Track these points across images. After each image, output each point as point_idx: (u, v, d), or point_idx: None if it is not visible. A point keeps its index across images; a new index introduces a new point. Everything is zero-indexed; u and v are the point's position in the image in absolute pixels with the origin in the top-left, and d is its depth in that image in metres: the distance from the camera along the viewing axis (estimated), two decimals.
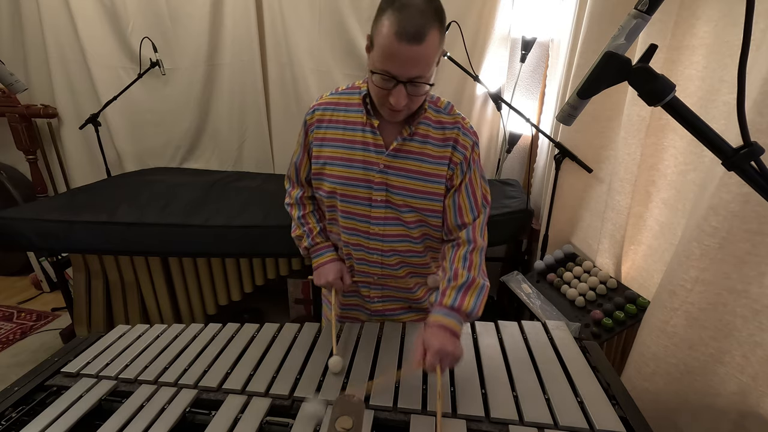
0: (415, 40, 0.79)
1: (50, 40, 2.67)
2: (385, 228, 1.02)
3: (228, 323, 1.18)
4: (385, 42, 0.80)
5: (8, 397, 0.93)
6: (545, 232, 2.10)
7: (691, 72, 1.36)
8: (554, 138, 1.99)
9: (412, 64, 0.82)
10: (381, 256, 1.06)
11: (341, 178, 1.01)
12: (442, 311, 0.91)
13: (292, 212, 1.17)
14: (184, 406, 0.87)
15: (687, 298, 1.14)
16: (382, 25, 0.81)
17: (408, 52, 0.80)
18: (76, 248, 1.99)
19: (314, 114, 1.04)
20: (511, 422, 0.80)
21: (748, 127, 0.55)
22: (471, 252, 0.98)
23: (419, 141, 0.99)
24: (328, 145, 1.02)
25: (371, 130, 0.99)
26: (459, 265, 0.96)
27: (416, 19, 0.78)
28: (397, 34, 0.78)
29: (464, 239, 1.00)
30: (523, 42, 2.26)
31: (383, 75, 0.84)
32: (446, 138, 0.99)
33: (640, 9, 0.61)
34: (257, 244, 1.93)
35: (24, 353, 2.29)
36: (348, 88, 1.05)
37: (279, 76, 2.61)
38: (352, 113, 1.01)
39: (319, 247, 1.13)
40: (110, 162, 2.64)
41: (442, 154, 0.99)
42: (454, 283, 0.94)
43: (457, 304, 0.91)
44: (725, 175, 1.01)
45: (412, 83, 0.85)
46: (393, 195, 0.99)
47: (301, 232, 1.14)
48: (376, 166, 0.99)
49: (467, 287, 0.93)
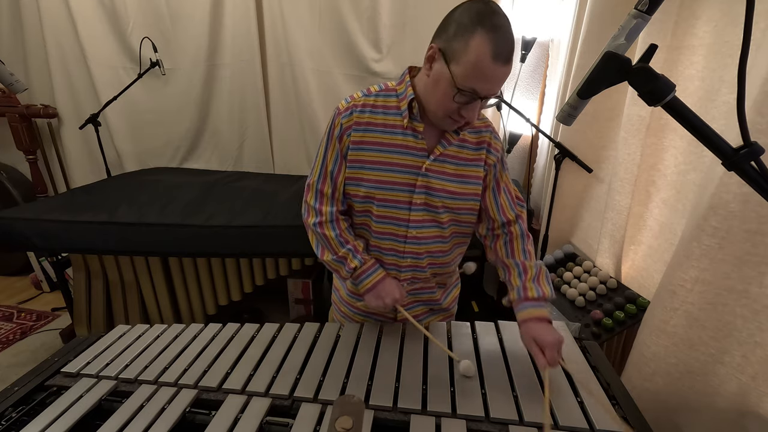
0: (508, 61, 0.82)
1: (50, 40, 2.67)
2: (422, 230, 1.02)
3: (228, 323, 1.18)
4: (478, 61, 0.80)
5: (8, 397, 0.93)
6: (545, 232, 2.10)
7: (691, 72, 1.36)
8: (554, 138, 1.99)
9: (499, 83, 0.85)
10: (414, 259, 1.05)
11: (380, 182, 0.99)
12: (531, 304, 0.95)
13: (326, 232, 1.03)
14: (184, 406, 0.87)
15: (687, 298, 1.14)
16: (474, 43, 0.79)
17: (501, 73, 0.82)
18: (76, 248, 1.99)
19: (352, 116, 0.98)
20: (511, 422, 0.80)
21: (748, 127, 0.55)
22: (527, 244, 1.05)
23: (457, 145, 1.00)
24: (367, 148, 0.98)
25: (413, 134, 0.98)
26: (523, 258, 1.03)
27: (510, 39, 0.81)
28: (494, 56, 0.79)
29: (518, 234, 1.05)
30: (523, 42, 2.25)
31: (469, 93, 0.84)
32: (481, 141, 1.01)
33: (640, 9, 0.61)
34: (257, 244, 1.93)
35: (24, 353, 2.28)
36: (381, 90, 1.01)
37: (279, 76, 2.61)
38: (391, 116, 0.99)
39: (369, 266, 1.03)
40: (110, 162, 2.64)
41: (478, 157, 1.01)
42: (527, 275, 0.99)
43: (541, 293, 0.96)
44: (725, 175, 1.01)
45: (486, 98, 0.87)
46: (432, 197, 1.00)
47: (344, 252, 1.02)
48: (418, 170, 0.98)
49: (539, 276, 0.99)
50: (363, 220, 1.05)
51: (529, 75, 2.42)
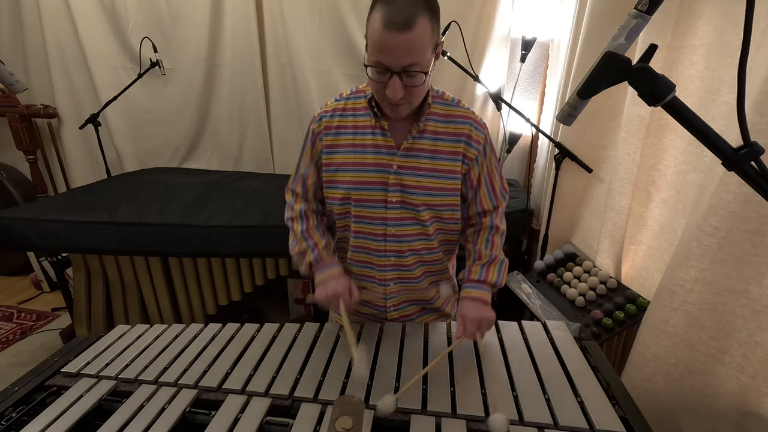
0: (404, 28, 0.80)
1: (50, 40, 2.67)
2: (402, 228, 1.02)
3: (228, 323, 1.18)
4: (375, 34, 0.82)
5: (8, 397, 0.93)
6: (545, 232, 2.10)
7: (691, 72, 1.36)
8: (554, 138, 1.99)
9: (402, 52, 0.83)
10: (398, 257, 1.05)
11: (354, 183, 1.00)
12: (470, 285, 1.03)
13: (294, 226, 1.09)
14: (184, 406, 0.87)
15: (687, 298, 1.14)
16: (373, 19, 0.83)
17: (397, 40, 0.81)
18: (76, 248, 2.00)
19: (321, 122, 1.03)
20: (511, 422, 0.80)
21: (748, 127, 0.55)
22: (493, 235, 1.08)
23: (430, 138, 0.99)
24: (339, 151, 1.01)
25: (381, 132, 0.99)
26: (482, 246, 1.07)
27: (404, 9, 0.80)
28: (385, 24, 0.80)
29: (487, 225, 1.08)
30: (523, 42, 2.25)
31: (376, 67, 0.85)
32: (458, 133, 0.99)
33: (640, 9, 0.61)
34: (257, 244, 1.93)
35: (24, 353, 2.29)
36: (352, 92, 1.04)
37: (279, 76, 2.61)
38: (360, 117, 1.00)
39: (325, 263, 1.05)
40: (110, 162, 2.64)
41: (455, 149, 0.99)
42: (479, 261, 1.05)
43: (483, 277, 1.03)
44: (725, 175, 1.01)
45: (406, 73, 0.85)
46: (408, 195, 0.99)
47: (304, 247, 1.06)
48: (390, 168, 0.98)
49: (490, 263, 1.05)
50: (344, 222, 1.07)
51: (529, 75, 2.42)
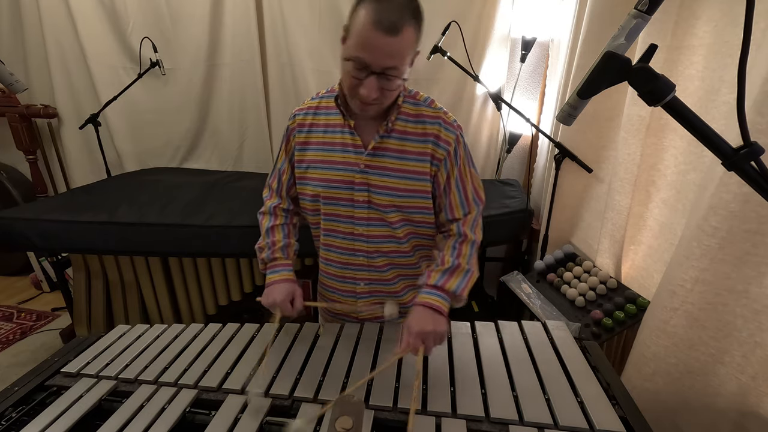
0: (391, 32, 0.80)
1: (50, 40, 2.67)
2: (369, 229, 1.02)
3: (228, 323, 1.18)
4: (361, 30, 0.81)
5: (8, 397, 0.93)
6: (545, 232, 2.09)
7: (691, 72, 1.36)
8: (554, 138, 1.99)
9: (386, 55, 0.83)
10: (367, 258, 1.06)
11: (323, 180, 1.01)
12: (425, 291, 0.94)
13: (263, 221, 1.11)
14: (184, 406, 0.87)
15: (687, 298, 1.14)
16: (360, 13, 0.82)
17: (383, 41, 0.81)
18: (76, 248, 2.00)
19: (295, 119, 1.05)
20: (511, 422, 0.80)
21: (748, 127, 0.55)
22: (460, 243, 1.01)
23: (397, 138, 0.98)
24: (310, 148, 1.03)
25: (349, 131, 0.99)
26: (447, 253, 1.00)
27: (394, 12, 0.80)
28: (374, 23, 0.80)
29: (455, 232, 1.02)
30: (523, 42, 2.26)
31: (356, 62, 0.84)
32: (426, 133, 0.98)
33: (640, 9, 0.61)
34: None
35: (24, 353, 2.29)
36: (327, 91, 1.05)
37: (279, 76, 2.61)
38: (332, 116, 1.01)
39: (276, 264, 1.07)
40: (110, 162, 2.64)
41: (423, 150, 0.98)
42: (440, 267, 0.97)
43: (441, 283, 0.94)
44: (725, 175, 1.01)
45: (384, 76, 0.85)
46: (375, 195, 0.99)
47: (263, 244, 1.08)
48: (356, 167, 0.99)
49: (452, 270, 0.96)
50: (316, 219, 1.07)
51: (529, 75, 2.42)
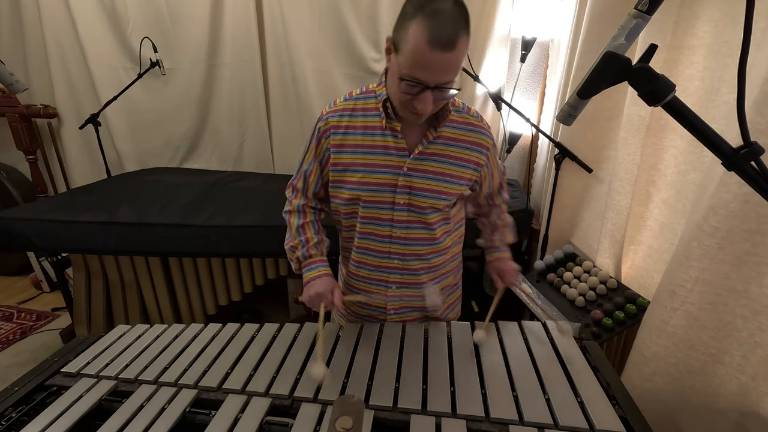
0: (448, 49, 0.78)
1: (50, 40, 2.67)
2: (408, 231, 1.02)
3: (228, 323, 1.18)
4: (415, 49, 0.79)
5: (8, 397, 0.93)
6: (545, 232, 2.10)
7: (691, 72, 1.36)
8: (554, 138, 1.99)
9: (442, 71, 0.81)
10: (401, 260, 1.05)
11: (363, 183, 0.99)
12: (496, 250, 1.21)
13: (291, 220, 1.09)
14: (184, 406, 0.87)
15: (687, 298, 1.14)
16: (412, 30, 0.78)
17: (440, 59, 0.79)
18: (76, 248, 2.00)
19: (329, 121, 1.01)
20: (511, 422, 0.80)
21: (748, 127, 0.55)
22: (502, 213, 1.22)
23: (443, 143, 0.99)
24: (347, 151, 1.00)
25: (392, 134, 0.98)
26: (495, 219, 1.21)
27: (449, 27, 0.77)
28: (429, 42, 0.77)
29: (498, 204, 1.20)
30: (523, 42, 2.26)
31: (412, 82, 0.83)
32: (472, 141, 1.01)
33: (640, 9, 0.61)
34: (257, 244, 1.93)
35: (24, 353, 2.28)
36: (362, 92, 1.02)
37: (279, 76, 2.61)
38: (370, 117, 0.99)
39: (312, 261, 1.06)
40: (110, 162, 2.64)
41: (467, 157, 1.00)
42: (496, 231, 1.21)
43: (504, 241, 1.22)
44: (725, 175, 1.01)
45: (439, 89, 0.84)
46: (416, 197, 0.99)
47: (296, 242, 1.06)
48: (400, 170, 0.98)
49: (504, 230, 1.22)
50: (351, 222, 1.06)
51: (529, 75, 2.42)
